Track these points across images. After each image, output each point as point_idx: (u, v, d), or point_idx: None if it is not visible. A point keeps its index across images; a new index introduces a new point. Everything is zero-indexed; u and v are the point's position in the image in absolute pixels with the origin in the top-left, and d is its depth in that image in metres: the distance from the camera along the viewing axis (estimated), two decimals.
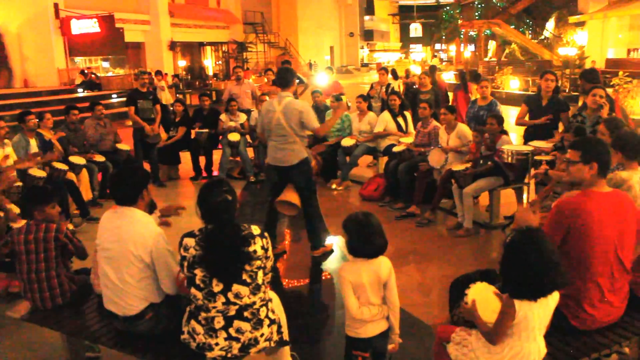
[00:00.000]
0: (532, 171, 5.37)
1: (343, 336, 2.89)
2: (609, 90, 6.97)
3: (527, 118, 6.36)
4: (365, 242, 2.72)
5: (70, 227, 5.69)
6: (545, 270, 2.30)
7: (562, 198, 3.42)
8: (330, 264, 5.27)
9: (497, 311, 2.45)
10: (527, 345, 2.40)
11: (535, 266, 2.29)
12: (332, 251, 5.49)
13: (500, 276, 2.48)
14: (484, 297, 2.73)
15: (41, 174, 5.90)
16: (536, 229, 2.48)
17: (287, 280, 5.02)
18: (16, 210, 4.82)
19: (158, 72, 14.17)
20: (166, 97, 12.67)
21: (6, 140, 6.03)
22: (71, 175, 6.56)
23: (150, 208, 3.28)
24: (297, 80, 9.67)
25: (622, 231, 2.75)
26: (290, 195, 5.18)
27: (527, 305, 2.33)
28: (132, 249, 2.88)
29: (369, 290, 2.73)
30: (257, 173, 8.60)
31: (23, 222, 4.20)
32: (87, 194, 6.90)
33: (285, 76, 5.09)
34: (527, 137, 6.22)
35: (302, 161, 5.12)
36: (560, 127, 6.13)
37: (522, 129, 6.66)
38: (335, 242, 5.66)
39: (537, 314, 2.35)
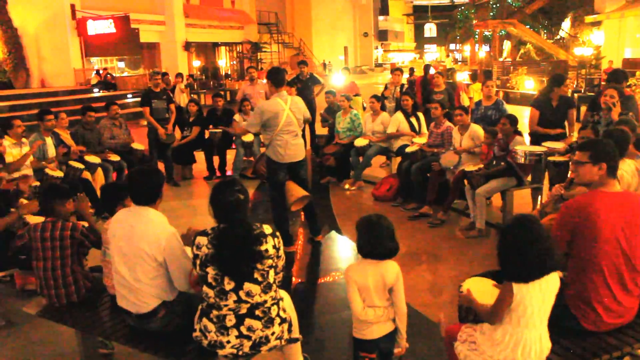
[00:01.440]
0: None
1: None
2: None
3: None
4: (374, 243, 2.72)
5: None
6: (536, 253, 2.36)
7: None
8: (342, 264, 5.28)
9: (495, 296, 2.51)
10: (527, 332, 2.44)
11: (526, 248, 2.36)
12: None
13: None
14: (479, 286, 2.82)
15: (58, 174, 5.99)
16: (531, 215, 2.55)
17: (298, 280, 5.04)
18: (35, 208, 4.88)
19: (179, 75, 14.22)
20: (184, 99, 12.63)
21: (24, 139, 6.12)
22: (87, 175, 6.65)
23: None
24: (317, 83, 9.79)
25: (632, 231, 2.72)
26: (297, 191, 5.28)
27: (525, 288, 2.38)
28: (146, 248, 2.90)
29: (373, 293, 2.74)
30: None
31: (39, 218, 4.25)
32: None
33: (279, 76, 5.33)
34: (535, 138, 6.23)
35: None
36: (567, 125, 6.24)
37: None
38: (347, 242, 5.67)
39: (535, 299, 2.40)
